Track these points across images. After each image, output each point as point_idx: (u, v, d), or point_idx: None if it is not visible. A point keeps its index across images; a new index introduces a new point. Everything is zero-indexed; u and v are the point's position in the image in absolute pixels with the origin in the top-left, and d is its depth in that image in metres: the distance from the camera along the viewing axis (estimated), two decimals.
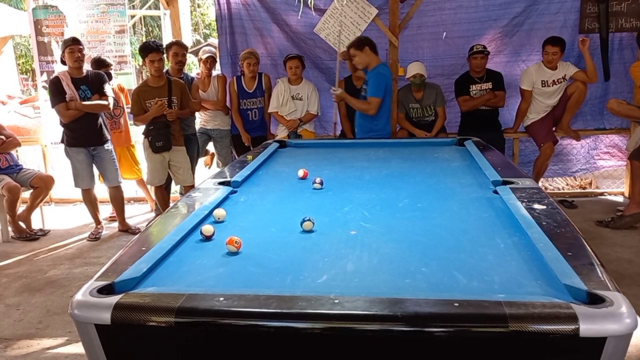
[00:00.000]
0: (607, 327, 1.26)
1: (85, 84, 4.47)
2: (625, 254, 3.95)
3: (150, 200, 5.51)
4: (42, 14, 5.65)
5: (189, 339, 1.42)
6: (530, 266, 1.65)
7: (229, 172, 2.97)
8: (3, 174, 4.82)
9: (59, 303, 3.52)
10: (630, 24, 5.01)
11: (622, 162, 5.42)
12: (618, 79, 5.16)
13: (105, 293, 1.48)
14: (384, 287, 1.56)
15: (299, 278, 1.63)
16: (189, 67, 11.00)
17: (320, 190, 2.66)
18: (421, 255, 1.77)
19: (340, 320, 1.33)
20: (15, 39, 11.30)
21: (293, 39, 5.41)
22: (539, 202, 2.20)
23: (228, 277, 1.67)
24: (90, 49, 5.54)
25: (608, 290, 1.39)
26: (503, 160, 3.23)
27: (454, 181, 2.75)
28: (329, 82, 5.45)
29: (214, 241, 1.96)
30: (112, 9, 5.71)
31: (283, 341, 1.39)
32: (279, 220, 2.21)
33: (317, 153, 3.74)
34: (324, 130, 5.57)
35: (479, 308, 1.32)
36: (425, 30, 5.28)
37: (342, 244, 1.91)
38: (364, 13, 4.97)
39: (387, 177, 2.93)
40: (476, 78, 4.86)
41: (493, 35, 5.20)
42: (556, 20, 5.09)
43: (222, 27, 5.45)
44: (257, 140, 4.80)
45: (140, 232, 2.14)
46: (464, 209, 2.27)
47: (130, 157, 5.37)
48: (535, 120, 4.96)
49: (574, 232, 1.87)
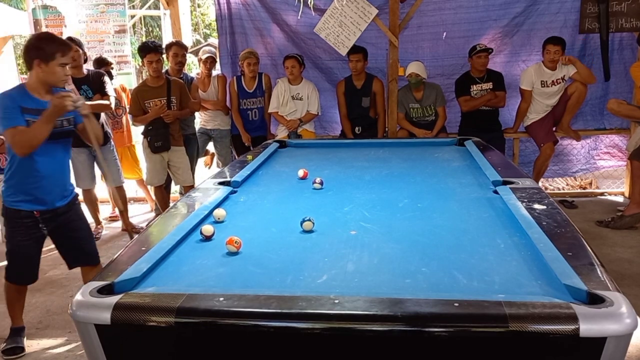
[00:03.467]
0: (607, 327, 1.26)
1: (87, 84, 4.46)
2: (626, 254, 3.95)
3: (150, 200, 5.51)
4: (41, 14, 5.65)
5: (189, 339, 1.41)
6: (530, 266, 1.65)
7: (229, 172, 2.97)
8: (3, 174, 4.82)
9: (59, 303, 3.52)
10: (630, 24, 5.01)
11: (622, 162, 5.42)
12: (618, 79, 5.15)
13: (105, 293, 1.48)
14: (384, 287, 1.56)
15: (299, 278, 1.63)
16: (189, 67, 10.99)
17: (321, 190, 2.66)
18: (421, 255, 1.77)
19: (340, 320, 1.33)
20: (15, 39, 11.28)
21: (293, 39, 5.41)
22: (539, 202, 2.20)
23: (228, 277, 1.67)
24: (89, 49, 5.53)
25: (608, 290, 1.39)
26: (503, 160, 3.23)
27: (454, 181, 2.75)
28: (329, 82, 5.45)
29: (214, 241, 1.96)
30: (112, 9, 5.72)
31: (283, 341, 1.39)
32: (279, 220, 2.21)
33: (317, 153, 3.73)
34: (324, 130, 5.58)
35: (479, 308, 1.33)
36: (425, 30, 5.28)
37: (342, 244, 1.91)
38: (364, 13, 4.97)
39: (387, 177, 2.93)
40: (477, 78, 4.86)
41: (493, 35, 5.20)
42: (556, 20, 5.09)
43: (222, 27, 5.46)
44: (257, 140, 4.80)
45: (141, 232, 2.14)
46: (464, 209, 2.27)
47: (131, 157, 5.37)
48: (535, 121, 4.96)
49: (574, 232, 1.87)
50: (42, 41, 2.56)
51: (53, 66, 2.54)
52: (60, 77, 2.59)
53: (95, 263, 3.00)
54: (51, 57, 2.52)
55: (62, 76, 2.61)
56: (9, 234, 2.76)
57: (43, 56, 2.52)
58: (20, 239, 2.74)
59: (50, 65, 2.54)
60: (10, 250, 2.77)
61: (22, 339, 2.95)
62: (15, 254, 2.78)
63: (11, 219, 2.72)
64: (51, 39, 2.58)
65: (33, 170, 2.63)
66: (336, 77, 5.35)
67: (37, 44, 2.55)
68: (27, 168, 2.63)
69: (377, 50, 5.20)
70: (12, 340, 2.92)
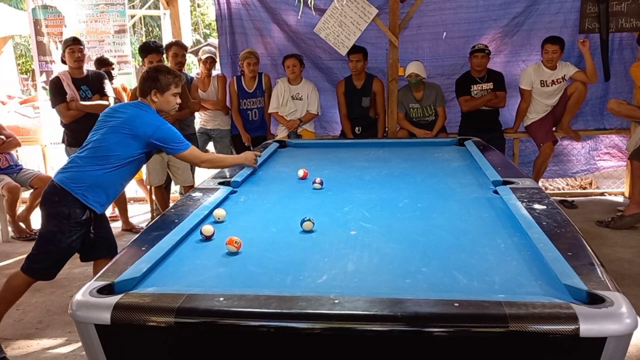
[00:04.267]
0: (607, 327, 1.26)
1: (86, 84, 4.46)
2: (626, 254, 3.95)
3: (150, 201, 5.51)
4: (41, 13, 5.65)
5: (189, 339, 1.41)
6: (530, 266, 1.65)
7: (229, 172, 2.97)
8: (3, 174, 4.81)
9: (59, 303, 3.51)
10: (630, 24, 5.01)
11: (622, 162, 5.42)
12: (618, 79, 5.15)
13: (105, 293, 1.48)
14: (384, 287, 1.56)
15: (299, 278, 1.63)
16: (189, 67, 10.99)
17: (320, 190, 2.66)
18: (421, 256, 1.77)
19: (340, 320, 1.33)
20: (15, 38, 11.29)
21: (293, 39, 5.41)
22: (539, 202, 2.20)
23: (228, 277, 1.68)
24: (89, 49, 5.53)
25: (608, 290, 1.39)
26: (503, 160, 3.24)
27: (454, 181, 2.75)
28: (329, 82, 5.45)
29: (214, 241, 1.96)
30: (112, 9, 5.71)
31: (283, 341, 1.39)
32: (279, 220, 2.21)
33: (317, 153, 3.74)
34: (324, 130, 5.58)
35: (479, 308, 1.33)
36: (425, 30, 5.28)
37: (342, 244, 1.91)
38: (364, 13, 4.96)
39: (387, 177, 2.93)
40: (477, 78, 4.86)
41: (493, 35, 5.20)
42: (556, 20, 5.09)
43: (222, 27, 5.46)
44: (257, 140, 4.80)
45: (140, 232, 2.14)
46: (464, 209, 2.27)
47: None
48: (535, 120, 4.96)
49: (574, 232, 1.87)
50: (160, 73, 2.79)
51: (167, 96, 2.79)
52: (173, 105, 2.84)
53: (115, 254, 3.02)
54: (166, 88, 2.77)
55: (174, 104, 2.85)
56: (66, 233, 2.74)
57: (159, 87, 2.76)
58: (75, 238, 2.76)
59: (165, 95, 2.78)
60: (60, 249, 2.75)
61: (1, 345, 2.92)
62: (64, 253, 2.78)
63: (72, 218, 2.75)
64: (167, 71, 2.83)
65: (122, 180, 2.89)
66: (336, 77, 5.35)
67: (154, 75, 2.78)
68: (118, 178, 2.83)
69: (377, 50, 5.20)
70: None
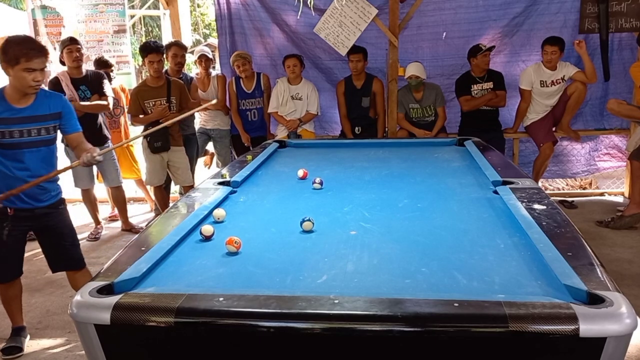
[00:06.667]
0: (607, 327, 1.26)
1: (85, 84, 4.46)
2: (625, 254, 3.95)
3: (150, 200, 5.51)
4: (40, 14, 5.65)
5: (188, 339, 1.41)
6: (530, 266, 1.65)
7: (229, 172, 2.97)
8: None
9: (59, 303, 3.51)
10: (630, 24, 5.01)
11: (622, 162, 5.42)
12: (618, 79, 5.15)
13: (104, 293, 1.48)
14: (384, 287, 1.55)
15: (299, 278, 1.63)
16: (189, 67, 10.98)
17: (320, 190, 2.66)
18: (421, 256, 1.77)
19: (340, 320, 1.33)
20: None
21: (293, 39, 5.41)
22: (539, 202, 2.20)
23: (228, 277, 1.67)
24: (88, 49, 5.53)
25: (608, 290, 1.39)
26: (503, 160, 3.23)
27: (454, 181, 2.74)
28: (328, 82, 5.45)
29: (214, 241, 1.96)
30: (111, 9, 5.71)
31: (283, 341, 1.39)
32: (278, 220, 2.21)
33: (317, 153, 3.73)
34: (323, 131, 5.58)
35: (479, 308, 1.32)
36: (425, 30, 5.28)
37: (342, 244, 1.91)
38: (363, 13, 4.96)
39: (387, 177, 2.93)
40: (477, 78, 4.86)
41: (493, 35, 5.20)
42: (556, 20, 5.09)
43: (221, 27, 5.46)
44: (257, 140, 4.79)
45: (140, 232, 2.14)
46: (464, 209, 2.27)
47: (129, 157, 5.37)
48: (535, 121, 4.96)
49: (574, 233, 1.87)
50: (9, 44, 2.42)
51: (18, 71, 2.42)
52: (28, 82, 2.44)
53: (79, 267, 2.98)
54: (15, 62, 2.40)
55: (30, 82, 2.45)
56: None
57: (6, 60, 2.42)
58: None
59: (15, 70, 2.42)
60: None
61: (21, 338, 2.95)
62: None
63: None
64: (18, 42, 2.43)
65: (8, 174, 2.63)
66: (336, 77, 5.35)
67: (4, 46, 2.42)
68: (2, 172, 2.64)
69: (377, 50, 5.20)
70: (11, 340, 2.95)
